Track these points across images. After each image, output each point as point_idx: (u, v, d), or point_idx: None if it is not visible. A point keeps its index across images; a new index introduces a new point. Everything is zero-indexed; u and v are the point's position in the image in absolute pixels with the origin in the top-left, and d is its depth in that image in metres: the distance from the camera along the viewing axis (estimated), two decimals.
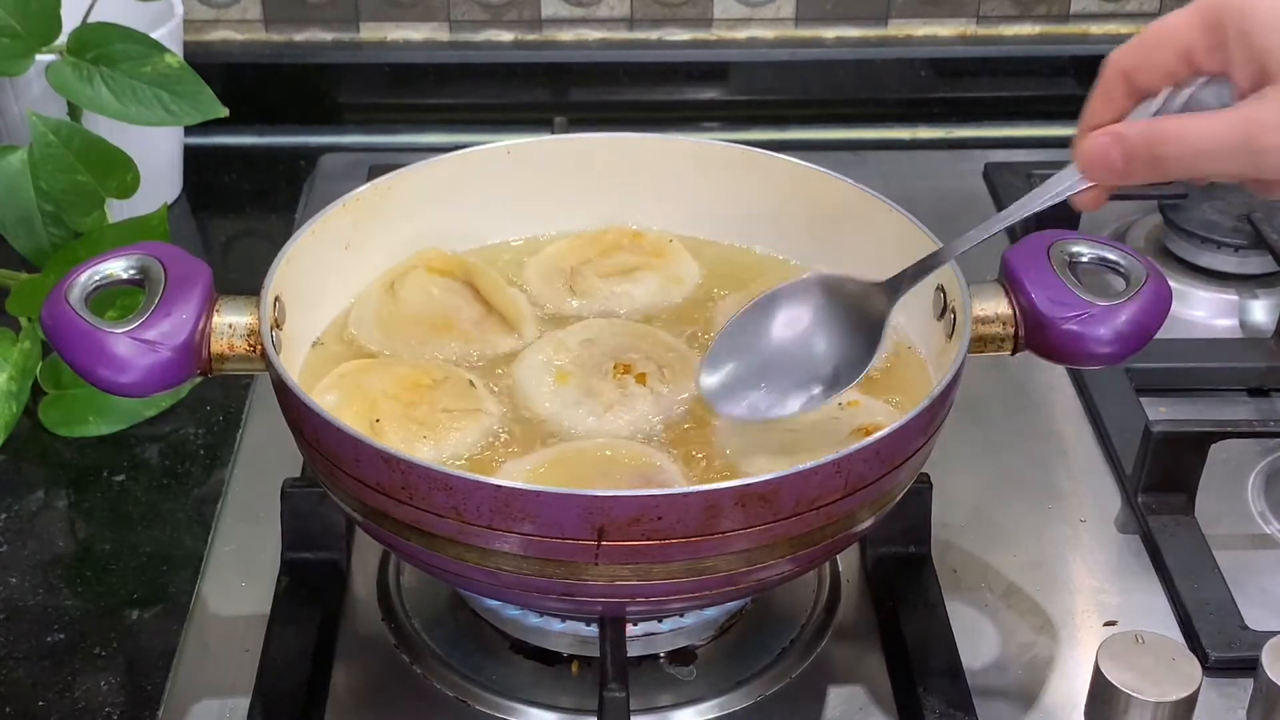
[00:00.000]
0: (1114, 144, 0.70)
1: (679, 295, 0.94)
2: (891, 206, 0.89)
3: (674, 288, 0.94)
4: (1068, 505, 0.99)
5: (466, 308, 0.91)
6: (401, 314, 0.90)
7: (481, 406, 0.84)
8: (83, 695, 0.85)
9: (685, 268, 0.95)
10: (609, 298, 0.93)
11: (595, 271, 0.94)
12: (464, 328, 0.90)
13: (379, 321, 0.90)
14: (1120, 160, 0.69)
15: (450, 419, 0.83)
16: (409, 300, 0.90)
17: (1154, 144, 0.68)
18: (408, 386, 0.84)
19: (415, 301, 0.90)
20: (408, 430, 0.82)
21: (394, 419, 0.82)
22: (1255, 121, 0.67)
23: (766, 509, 0.71)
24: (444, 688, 0.84)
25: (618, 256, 0.95)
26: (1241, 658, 0.86)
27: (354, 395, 0.83)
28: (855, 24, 1.43)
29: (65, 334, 0.76)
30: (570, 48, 1.42)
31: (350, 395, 0.83)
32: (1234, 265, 1.19)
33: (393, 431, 0.81)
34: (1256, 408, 1.08)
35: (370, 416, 0.82)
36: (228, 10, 1.39)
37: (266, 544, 0.91)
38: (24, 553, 0.95)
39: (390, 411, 0.82)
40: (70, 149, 1.03)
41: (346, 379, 0.85)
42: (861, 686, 0.85)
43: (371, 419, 0.81)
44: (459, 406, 0.84)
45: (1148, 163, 0.69)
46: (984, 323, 0.83)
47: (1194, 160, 0.68)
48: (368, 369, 0.85)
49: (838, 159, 0.94)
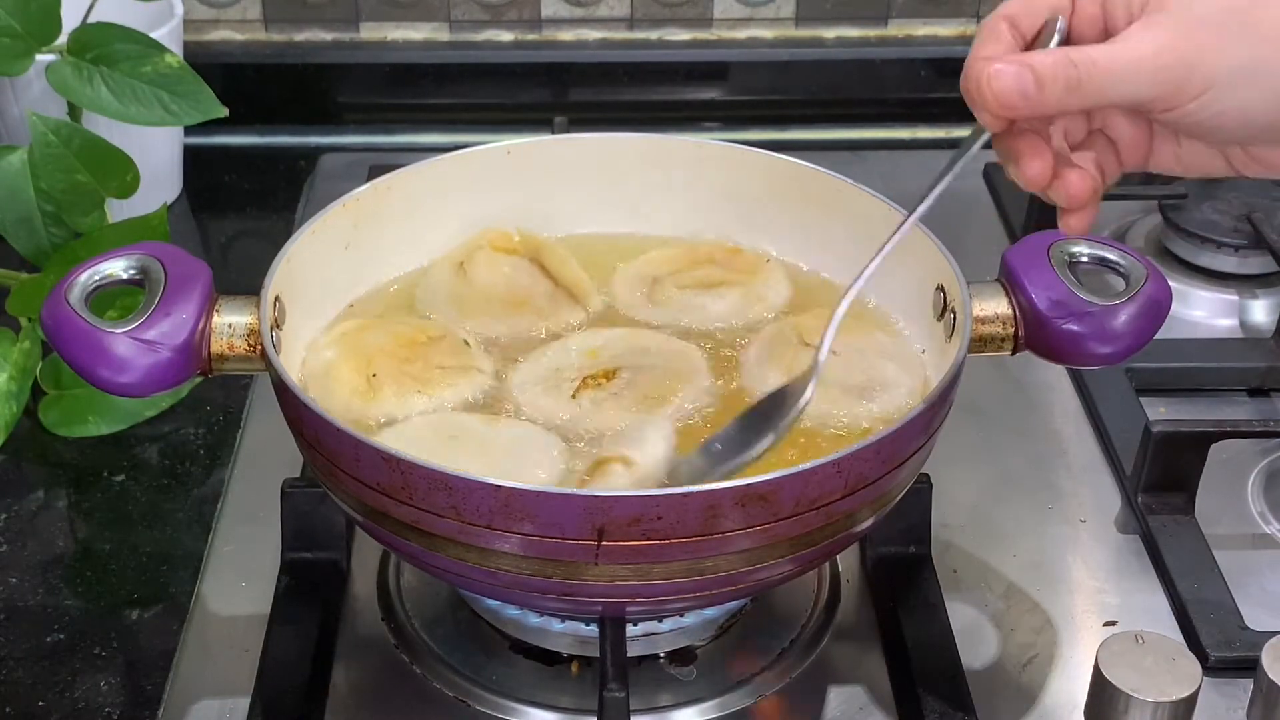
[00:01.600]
0: (1026, 70, 0.69)
1: (758, 314, 0.92)
2: (891, 206, 0.89)
3: (755, 306, 0.93)
4: (1068, 505, 0.99)
5: (536, 284, 0.93)
6: (475, 292, 0.92)
7: (475, 364, 0.87)
8: (83, 695, 0.85)
9: (773, 287, 0.94)
10: (683, 309, 0.92)
11: (676, 282, 0.93)
12: (538, 303, 0.92)
13: (452, 299, 0.92)
14: (1034, 85, 0.69)
15: (444, 375, 0.86)
16: (481, 279, 0.92)
17: (1069, 68, 0.68)
18: (404, 344, 0.86)
19: (488, 280, 0.92)
20: (402, 384, 0.84)
21: (389, 374, 0.84)
22: (1157, 41, 0.68)
23: (766, 509, 0.71)
24: (444, 688, 0.84)
25: (707, 269, 0.94)
26: (1241, 658, 0.86)
27: (351, 352, 0.86)
28: (855, 24, 1.43)
29: (65, 334, 0.76)
30: (570, 48, 1.42)
31: (348, 352, 0.86)
32: (1234, 265, 1.19)
33: (388, 385, 0.84)
34: (1256, 408, 1.08)
35: (367, 372, 0.84)
36: (228, 10, 1.39)
37: (266, 544, 0.91)
38: (24, 553, 0.95)
39: (386, 367, 0.85)
40: (70, 149, 1.03)
41: (346, 337, 0.87)
42: (861, 686, 0.85)
43: (368, 374, 0.84)
44: (453, 364, 0.86)
45: (1064, 88, 0.68)
46: (984, 323, 0.83)
47: (1108, 83, 0.68)
48: (366, 328, 0.88)
49: (838, 159, 0.93)
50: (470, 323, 0.91)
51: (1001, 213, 1.28)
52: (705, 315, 0.92)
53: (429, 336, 0.88)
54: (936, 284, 0.86)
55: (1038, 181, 0.72)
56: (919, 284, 0.87)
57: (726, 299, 0.93)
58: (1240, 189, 1.23)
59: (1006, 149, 0.73)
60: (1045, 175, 0.72)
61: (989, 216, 1.28)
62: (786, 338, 0.88)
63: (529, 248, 0.95)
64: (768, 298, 0.93)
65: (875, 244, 0.87)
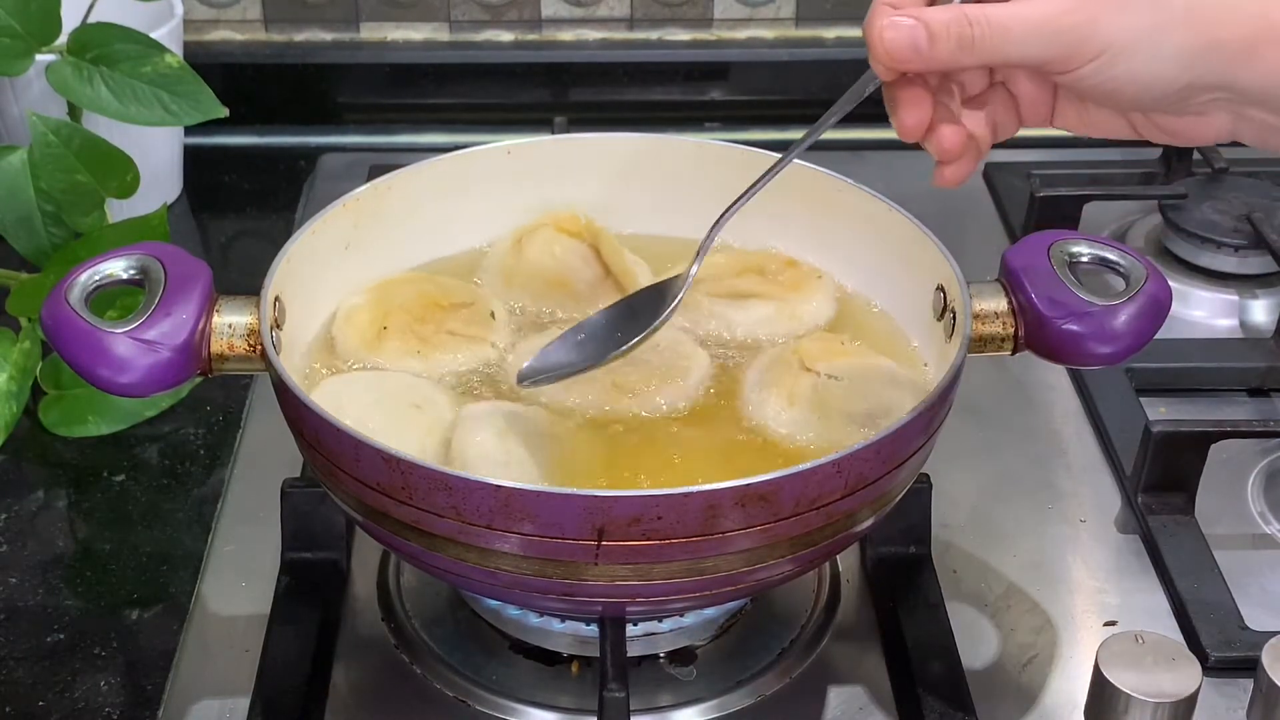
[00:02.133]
0: (919, 26, 0.69)
1: (788, 330, 0.91)
2: (891, 206, 0.89)
3: (787, 323, 0.91)
4: (1068, 505, 0.99)
5: (585, 269, 0.93)
6: (522, 268, 0.93)
7: (488, 337, 0.88)
8: (83, 695, 0.85)
9: (813, 306, 0.92)
10: (706, 318, 0.91)
11: (708, 289, 0.91)
12: (577, 287, 0.92)
13: (500, 271, 0.93)
14: (926, 41, 0.69)
15: (451, 341, 0.87)
16: (531, 256, 0.93)
17: (963, 26, 0.68)
18: (425, 303, 0.89)
19: (537, 258, 0.93)
20: (406, 343, 0.87)
21: (399, 330, 0.87)
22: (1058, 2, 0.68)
23: (766, 509, 0.71)
24: (444, 688, 0.84)
25: (749, 279, 0.93)
26: (1241, 658, 0.86)
27: (376, 303, 0.89)
28: (855, 24, 1.42)
29: (65, 334, 0.76)
30: (570, 48, 1.42)
31: (373, 302, 0.89)
32: (1234, 265, 1.19)
33: (393, 340, 0.86)
34: (1256, 408, 1.08)
35: (381, 324, 0.87)
36: (228, 10, 1.39)
37: (266, 544, 0.91)
38: (24, 553, 0.95)
39: (399, 322, 0.87)
40: (70, 149, 1.03)
41: (378, 289, 0.90)
42: (861, 686, 0.85)
43: (381, 326, 0.87)
44: (466, 332, 0.88)
45: (957, 44, 0.68)
46: (984, 322, 0.83)
47: (1003, 42, 0.68)
48: (403, 282, 0.91)
49: (838, 159, 0.93)
50: (511, 296, 0.92)
51: (1001, 213, 1.28)
52: (725, 324, 0.91)
53: (452, 302, 0.89)
54: (936, 284, 0.86)
55: (913, 132, 0.73)
56: (919, 284, 0.87)
57: (753, 312, 0.91)
58: (1240, 189, 1.23)
59: (890, 97, 0.73)
60: (920, 127, 0.73)
61: (989, 216, 1.28)
62: (787, 361, 0.86)
63: (590, 233, 0.95)
64: (803, 315, 0.91)
65: (876, 245, 0.87)
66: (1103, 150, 1.32)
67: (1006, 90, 0.75)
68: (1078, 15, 0.68)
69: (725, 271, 0.93)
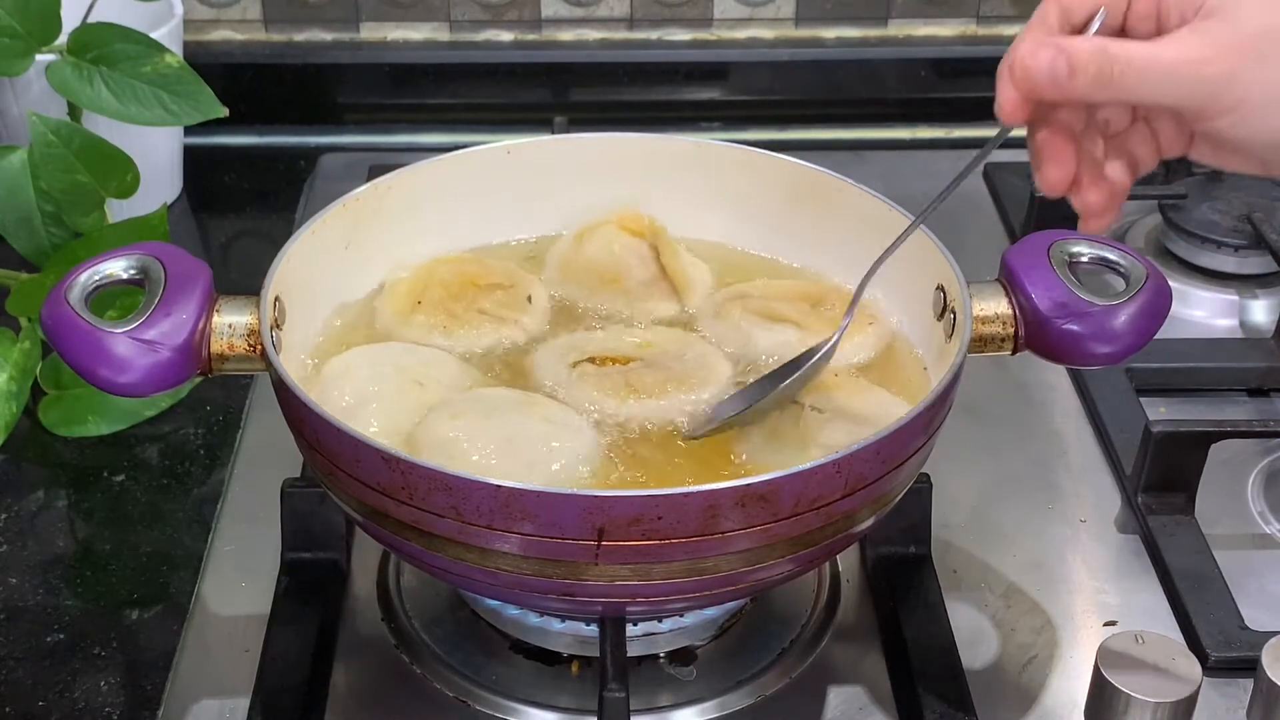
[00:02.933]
0: (1061, 55, 0.69)
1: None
2: (891, 206, 0.89)
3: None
4: (1068, 505, 0.99)
5: (639, 268, 0.94)
6: (579, 262, 0.94)
7: (519, 320, 0.90)
8: (83, 695, 0.85)
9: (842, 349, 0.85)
10: (732, 332, 0.90)
11: (744, 306, 0.90)
12: (628, 285, 0.93)
13: (559, 264, 0.95)
14: (1065, 71, 0.68)
15: (479, 320, 0.89)
16: (589, 251, 0.94)
17: (1104, 60, 0.68)
18: (463, 281, 0.91)
19: (594, 253, 0.94)
20: (435, 318, 0.89)
21: (432, 305, 0.89)
22: (1199, 50, 0.68)
23: (766, 509, 0.71)
24: (444, 688, 0.84)
25: (794, 306, 0.90)
26: (1241, 658, 0.86)
27: (419, 277, 0.91)
28: (855, 24, 1.43)
29: (65, 334, 0.76)
30: (570, 48, 1.42)
31: (416, 276, 0.91)
32: (1234, 265, 1.19)
33: (425, 315, 0.89)
34: (1256, 408, 1.08)
35: (416, 298, 0.90)
36: (228, 10, 1.39)
37: (266, 544, 0.91)
38: (24, 553, 0.95)
39: (433, 297, 0.90)
40: (70, 149, 1.03)
41: (426, 265, 0.92)
42: (861, 686, 0.85)
43: (416, 300, 0.89)
44: (497, 313, 0.90)
45: (1095, 79, 0.68)
46: (984, 322, 0.83)
47: (1139, 83, 0.68)
48: (450, 261, 0.92)
49: (838, 159, 0.93)
50: (563, 287, 0.93)
51: (1001, 213, 1.28)
52: (747, 342, 0.89)
53: (490, 282, 0.91)
54: (936, 284, 0.86)
55: (1057, 188, 0.73)
56: (919, 284, 0.87)
57: (777, 335, 0.89)
58: (1240, 189, 1.23)
59: (1034, 150, 0.73)
60: (1065, 183, 0.73)
61: (989, 216, 1.28)
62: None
63: (652, 233, 0.95)
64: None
65: (878, 246, 0.87)
66: None
67: (1147, 126, 0.75)
68: (1216, 67, 0.68)
69: (777, 294, 0.91)
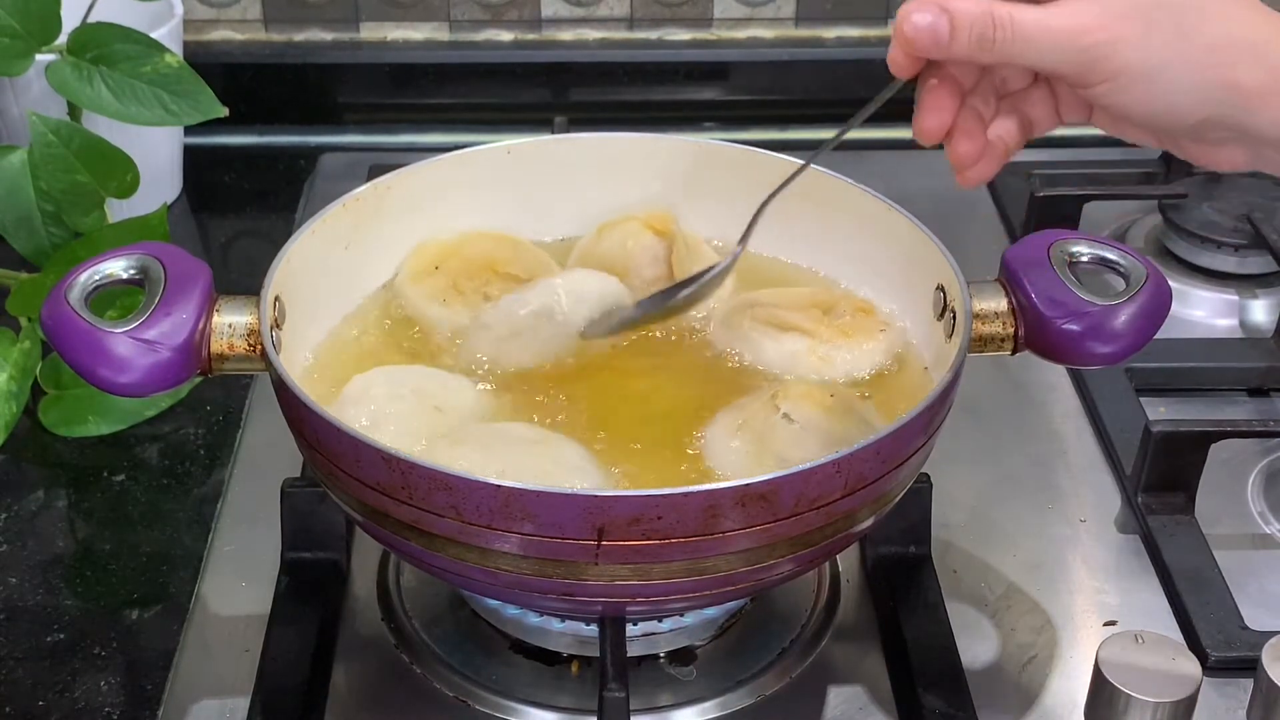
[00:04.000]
0: (944, 16, 0.69)
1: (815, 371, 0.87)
2: (891, 206, 0.89)
3: (815, 363, 0.88)
4: (1068, 505, 0.99)
5: (649, 267, 0.94)
6: (594, 254, 0.95)
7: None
8: (83, 695, 0.85)
9: (852, 355, 0.88)
10: (736, 338, 0.89)
11: (753, 315, 0.90)
12: (634, 283, 0.92)
13: (579, 254, 0.96)
14: (946, 32, 0.69)
15: (478, 303, 0.90)
16: (604, 245, 0.95)
17: (986, 24, 0.69)
18: (483, 263, 0.92)
19: (607, 247, 0.95)
20: (445, 292, 0.91)
21: (447, 277, 0.91)
22: (1085, 18, 0.69)
23: (766, 509, 0.71)
24: (444, 688, 0.84)
25: (804, 314, 0.89)
26: (1241, 658, 0.86)
27: (447, 251, 0.93)
28: (855, 24, 1.43)
29: (65, 334, 0.76)
30: (570, 48, 1.42)
31: (445, 249, 0.93)
32: (1234, 265, 1.19)
33: (438, 283, 0.91)
34: (1256, 408, 1.08)
35: (436, 262, 0.92)
36: (228, 10, 1.39)
37: (266, 544, 0.91)
38: (24, 553, 0.95)
39: (451, 269, 0.92)
40: (70, 149, 1.03)
41: (457, 240, 0.94)
42: (861, 686, 0.85)
43: (435, 264, 0.92)
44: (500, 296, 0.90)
45: (976, 41, 0.69)
46: (984, 322, 0.83)
47: (1023, 48, 0.69)
48: (486, 238, 0.94)
49: (838, 159, 0.93)
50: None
51: (1001, 212, 1.28)
52: (753, 350, 0.89)
53: (508, 271, 0.92)
54: (936, 283, 0.86)
55: (930, 137, 0.74)
56: (919, 283, 0.87)
57: (785, 345, 0.88)
58: (1240, 189, 1.23)
59: (918, 97, 0.74)
60: (938, 133, 0.74)
61: (989, 216, 1.28)
62: (764, 403, 0.83)
63: (669, 234, 0.94)
64: (835, 360, 0.88)
65: (876, 245, 0.87)
66: (1103, 150, 1.32)
67: (1049, 87, 0.75)
68: (1100, 35, 0.68)
69: (788, 301, 0.91)
